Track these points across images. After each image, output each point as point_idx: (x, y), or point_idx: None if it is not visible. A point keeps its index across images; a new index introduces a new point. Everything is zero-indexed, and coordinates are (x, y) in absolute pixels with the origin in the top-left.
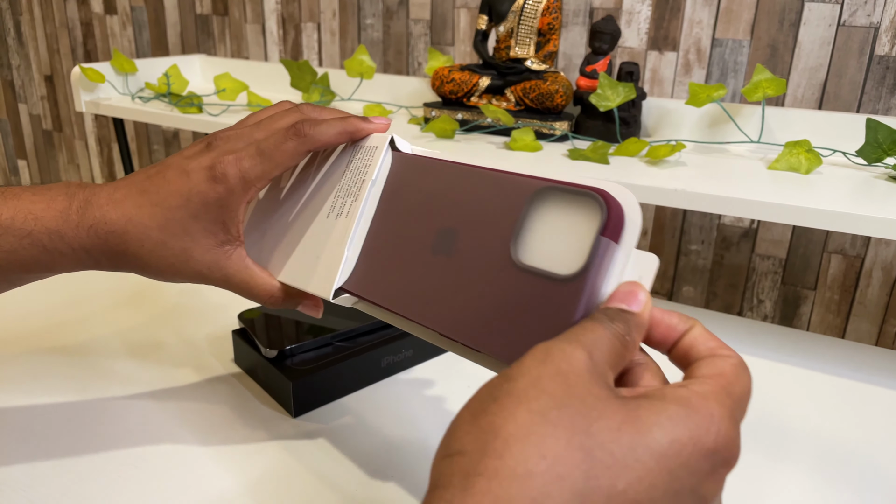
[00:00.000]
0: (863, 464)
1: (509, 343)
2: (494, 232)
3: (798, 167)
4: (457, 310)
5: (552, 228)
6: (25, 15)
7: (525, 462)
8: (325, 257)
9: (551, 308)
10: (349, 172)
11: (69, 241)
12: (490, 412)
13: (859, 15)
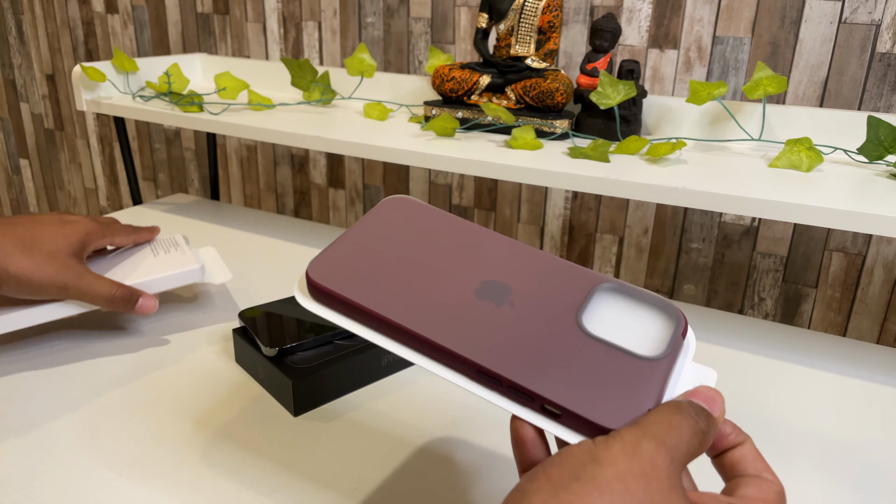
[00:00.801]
0: (864, 461)
1: (580, 397)
2: (556, 298)
3: (799, 165)
4: (507, 351)
5: (625, 317)
6: (27, 14)
7: None
8: None
9: (632, 380)
10: None
11: None
12: (572, 491)
13: (860, 12)
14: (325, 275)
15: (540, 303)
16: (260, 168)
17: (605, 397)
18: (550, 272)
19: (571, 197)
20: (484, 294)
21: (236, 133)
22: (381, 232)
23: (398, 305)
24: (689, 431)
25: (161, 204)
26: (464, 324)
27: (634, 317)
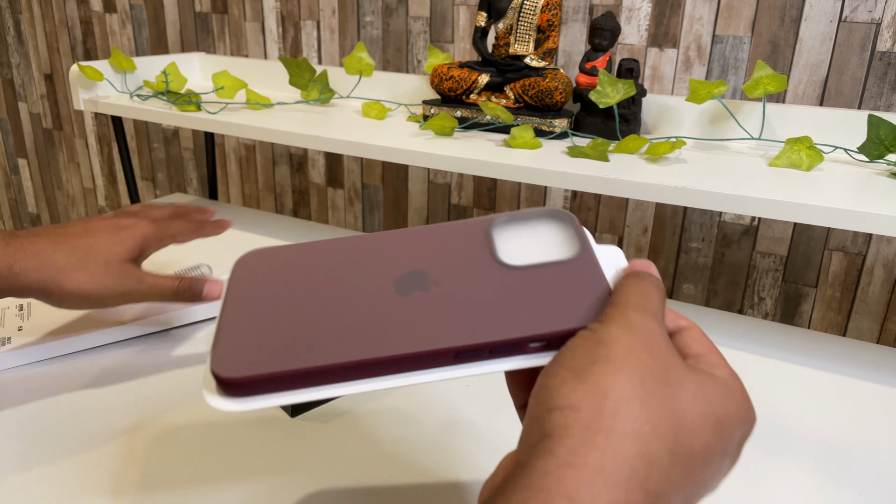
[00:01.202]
0: (864, 462)
1: (554, 317)
2: (468, 256)
3: (799, 164)
4: (469, 321)
5: (530, 239)
6: (25, 13)
7: (634, 423)
8: None
9: (580, 280)
10: None
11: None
12: (594, 373)
13: (861, 11)
14: (237, 363)
15: (458, 267)
16: (259, 168)
17: (572, 304)
18: (447, 239)
19: (570, 196)
20: (406, 289)
21: (234, 132)
22: (258, 293)
23: (341, 345)
24: (656, 292)
25: None
26: (412, 323)
27: (536, 234)
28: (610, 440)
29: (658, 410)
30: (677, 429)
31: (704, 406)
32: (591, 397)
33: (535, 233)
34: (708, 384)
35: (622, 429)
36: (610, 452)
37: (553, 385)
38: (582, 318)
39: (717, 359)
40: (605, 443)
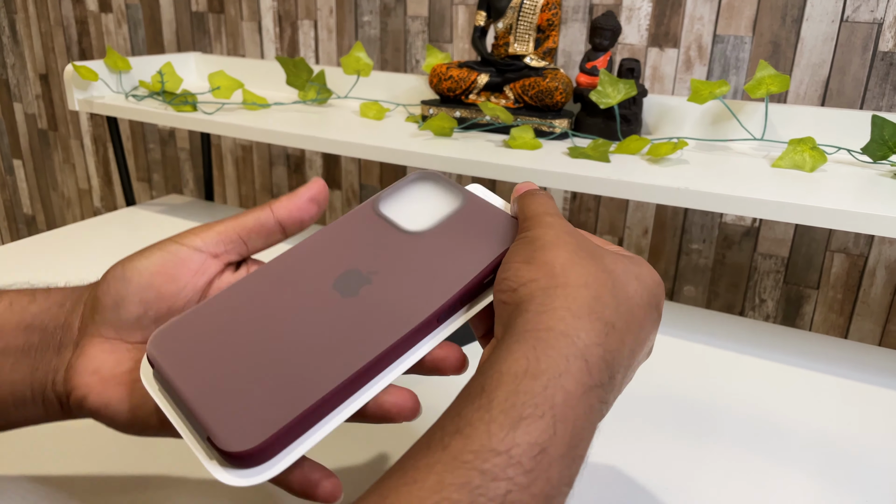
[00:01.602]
0: (866, 464)
1: (489, 250)
2: (382, 242)
3: (802, 165)
4: (430, 289)
5: (419, 205)
6: (20, 13)
7: (580, 277)
8: None
9: (481, 218)
10: None
11: None
12: (539, 255)
13: (862, 11)
14: (244, 433)
15: (382, 251)
16: (255, 168)
17: (494, 234)
18: (349, 234)
19: (570, 197)
20: (352, 289)
21: (231, 133)
22: (205, 364)
23: (334, 364)
24: (550, 200)
25: (155, 205)
26: (384, 312)
27: (421, 198)
28: (567, 290)
29: (594, 268)
30: (612, 280)
31: (624, 265)
32: (544, 268)
33: (420, 197)
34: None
35: (573, 282)
36: (570, 297)
37: (510, 275)
38: (508, 238)
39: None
40: (564, 292)
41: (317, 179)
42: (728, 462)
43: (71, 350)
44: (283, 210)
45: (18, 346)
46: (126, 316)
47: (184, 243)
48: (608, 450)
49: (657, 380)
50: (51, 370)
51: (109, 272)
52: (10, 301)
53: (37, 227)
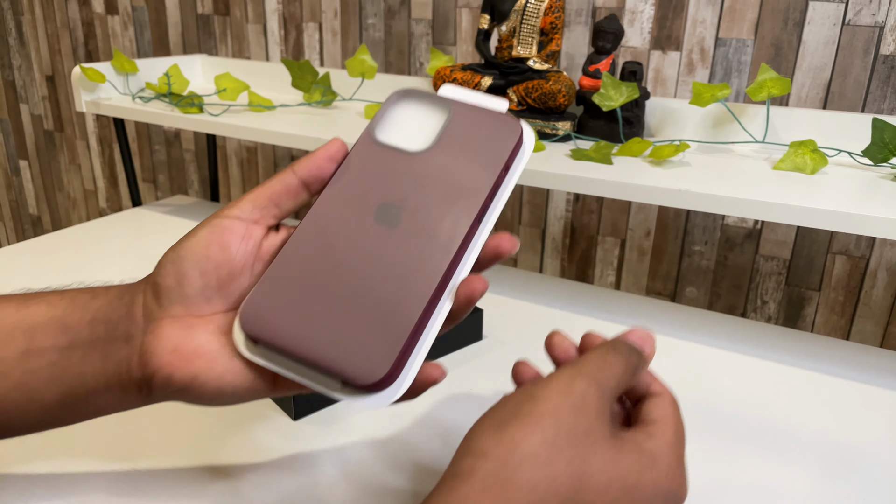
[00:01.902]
0: (868, 466)
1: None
2: (401, 170)
3: (803, 167)
4: (460, 203)
5: (407, 126)
6: (27, 15)
7: (531, 479)
8: None
9: (474, 126)
10: None
11: None
12: (513, 426)
13: (864, 14)
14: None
15: (404, 181)
16: (260, 169)
17: (490, 140)
18: (364, 168)
19: (573, 199)
20: (391, 223)
21: (237, 134)
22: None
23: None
24: (621, 368)
25: (161, 206)
26: (425, 238)
27: (417, 116)
28: (506, 491)
29: (561, 470)
30: (576, 490)
31: (615, 472)
32: (502, 448)
33: (409, 116)
34: (628, 452)
35: (519, 482)
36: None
37: (476, 432)
38: (505, 135)
39: (663, 429)
40: (501, 493)
41: (335, 139)
42: (730, 462)
43: (140, 338)
44: (304, 170)
45: (85, 339)
46: (190, 290)
47: (224, 216)
48: None
49: None
50: (123, 359)
51: (163, 259)
52: (71, 298)
53: (42, 228)
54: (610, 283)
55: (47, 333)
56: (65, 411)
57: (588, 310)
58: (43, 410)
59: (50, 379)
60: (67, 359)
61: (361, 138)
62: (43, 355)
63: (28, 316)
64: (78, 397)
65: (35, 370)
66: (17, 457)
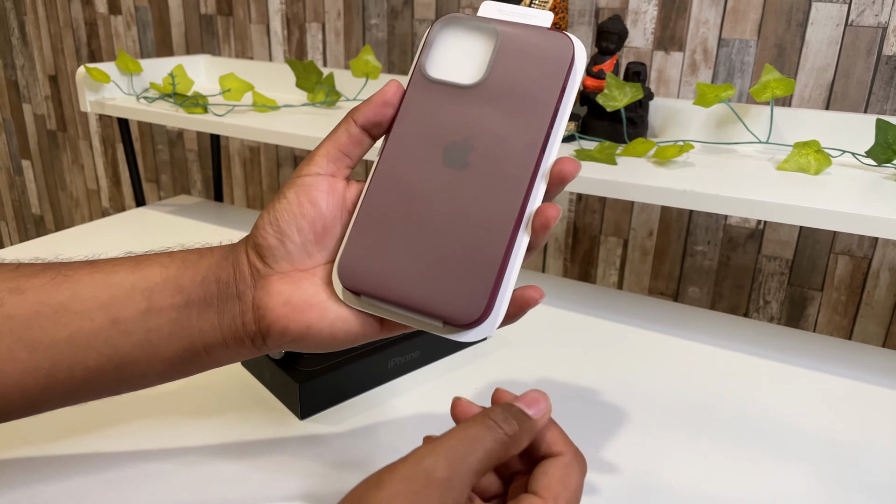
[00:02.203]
0: (871, 464)
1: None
2: (451, 105)
3: (807, 168)
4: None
5: (457, 57)
6: (30, 15)
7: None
8: None
9: (523, 48)
10: None
11: None
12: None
13: (867, 15)
14: (471, 301)
15: (458, 121)
16: (263, 169)
17: (543, 65)
18: (423, 107)
19: (576, 199)
20: (459, 164)
21: (241, 135)
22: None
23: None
24: (489, 440)
25: (165, 205)
26: (496, 175)
27: (462, 44)
28: None
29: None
30: None
31: None
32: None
33: (458, 46)
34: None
35: None
36: None
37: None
38: (559, 56)
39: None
40: None
41: (392, 81)
42: (733, 461)
43: (251, 294)
44: (363, 118)
45: (200, 297)
46: (292, 247)
47: (306, 174)
48: (614, 449)
49: (662, 380)
50: (237, 314)
51: (259, 222)
52: (182, 259)
53: (45, 228)
54: (612, 282)
55: (164, 293)
56: (185, 364)
57: (590, 309)
58: (165, 364)
59: (170, 335)
60: (186, 316)
61: (414, 78)
62: (162, 313)
63: (143, 278)
64: (197, 351)
65: (156, 327)
66: (22, 440)
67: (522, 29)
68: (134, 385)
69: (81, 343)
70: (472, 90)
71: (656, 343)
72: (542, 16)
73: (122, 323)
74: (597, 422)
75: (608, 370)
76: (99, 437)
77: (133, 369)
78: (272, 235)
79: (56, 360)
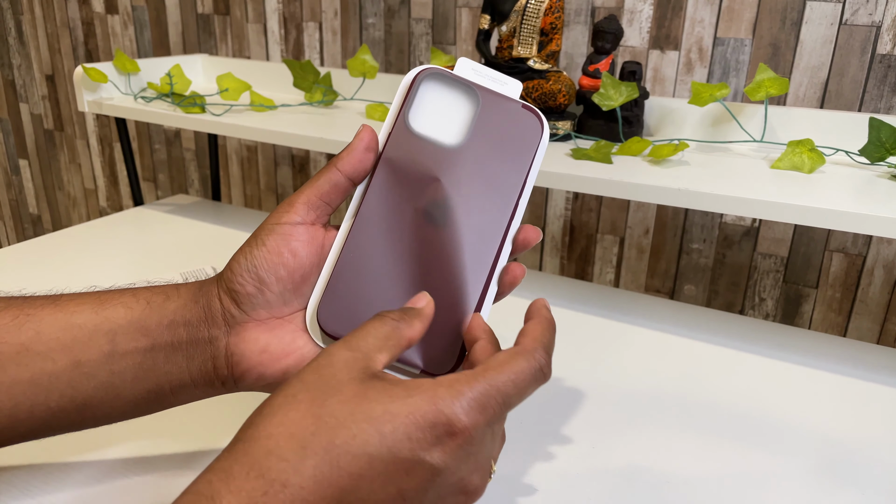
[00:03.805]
0: (865, 462)
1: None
2: (436, 165)
3: (801, 166)
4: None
5: (437, 114)
6: (26, 14)
7: (267, 428)
8: None
9: (499, 116)
10: None
11: None
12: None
13: (861, 14)
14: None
15: (438, 180)
16: (260, 168)
17: (519, 138)
18: (404, 160)
19: (572, 198)
20: (438, 221)
21: (239, 134)
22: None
23: (464, 296)
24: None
25: (162, 205)
26: (471, 236)
27: (443, 102)
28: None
29: (297, 415)
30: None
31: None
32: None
33: (441, 102)
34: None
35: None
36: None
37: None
38: (531, 134)
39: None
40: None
41: (365, 127)
42: (728, 459)
43: (224, 339)
44: (347, 166)
45: (166, 342)
46: (270, 296)
47: (286, 222)
48: (610, 446)
49: (658, 378)
50: (208, 359)
51: (234, 267)
52: (147, 300)
53: (42, 227)
54: (609, 280)
55: (128, 336)
56: (150, 404)
57: (587, 307)
58: (129, 405)
59: (135, 378)
60: (151, 360)
61: (397, 126)
62: (126, 357)
63: (106, 319)
64: (163, 392)
65: (120, 371)
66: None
67: (499, 99)
68: (98, 423)
69: (43, 384)
70: (453, 150)
71: (652, 340)
72: (512, 84)
73: (84, 365)
74: (592, 418)
75: (604, 367)
76: (91, 439)
77: (96, 410)
78: (250, 284)
79: (18, 400)
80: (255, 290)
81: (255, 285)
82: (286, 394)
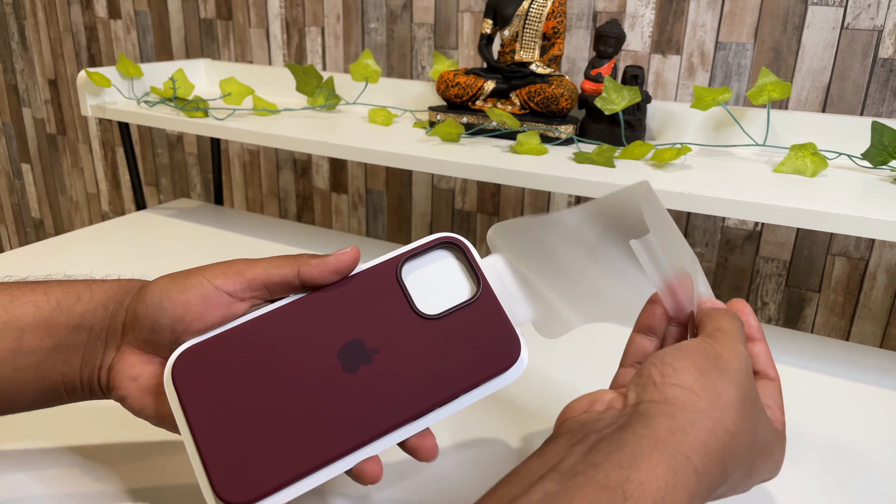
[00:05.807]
0: (868, 466)
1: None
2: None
3: (804, 170)
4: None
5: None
6: (29, 19)
7: (732, 425)
8: None
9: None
10: None
11: None
12: (713, 377)
13: (863, 18)
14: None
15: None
16: (262, 172)
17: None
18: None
19: (574, 201)
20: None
21: (242, 139)
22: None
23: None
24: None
25: (165, 209)
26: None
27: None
28: (716, 429)
29: (747, 425)
30: (751, 441)
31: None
32: (710, 392)
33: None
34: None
35: (724, 425)
36: (713, 436)
37: (679, 367)
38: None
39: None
40: (713, 428)
41: (353, 250)
42: None
43: (114, 352)
44: (308, 275)
45: (70, 343)
46: (159, 340)
47: (217, 286)
48: None
49: None
50: (96, 367)
51: (149, 295)
52: (57, 301)
53: (45, 231)
54: None
55: (34, 335)
56: (49, 401)
57: None
58: (28, 400)
59: (35, 376)
60: (52, 360)
61: (390, 261)
62: (30, 355)
63: (15, 317)
64: (58, 393)
65: (23, 368)
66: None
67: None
68: (3, 412)
69: None
70: (416, 320)
71: None
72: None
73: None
74: None
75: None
76: (92, 440)
77: (1, 401)
78: (149, 319)
79: None
80: (150, 326)
81: (151, 323)
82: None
